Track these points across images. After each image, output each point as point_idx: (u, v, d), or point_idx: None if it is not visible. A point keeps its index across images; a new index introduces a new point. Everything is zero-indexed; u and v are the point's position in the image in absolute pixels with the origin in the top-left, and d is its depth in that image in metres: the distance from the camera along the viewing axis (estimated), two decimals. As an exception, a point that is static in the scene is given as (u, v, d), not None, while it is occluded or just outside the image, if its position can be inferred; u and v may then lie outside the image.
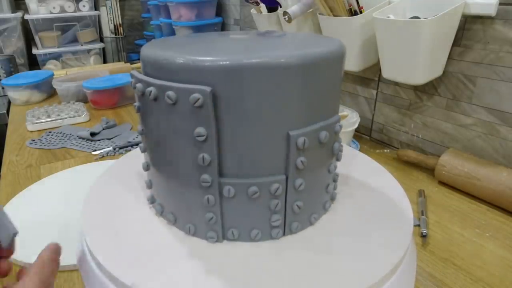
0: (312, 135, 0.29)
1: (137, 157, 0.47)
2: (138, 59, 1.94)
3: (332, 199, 0.36)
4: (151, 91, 0.28)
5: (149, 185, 0.35)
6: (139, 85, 0.29)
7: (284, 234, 0.32)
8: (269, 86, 0.26)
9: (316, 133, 0.29)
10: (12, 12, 1.60)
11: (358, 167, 0.43)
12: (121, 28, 1.95)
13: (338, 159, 0.34)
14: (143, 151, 0.34)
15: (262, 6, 1.03)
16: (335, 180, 0.36)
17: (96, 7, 1.80)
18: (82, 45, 1.76)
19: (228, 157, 0.28)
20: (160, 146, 0.31)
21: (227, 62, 0.26)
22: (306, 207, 0.32)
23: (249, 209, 0.30)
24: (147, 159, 0.34)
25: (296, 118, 0.28)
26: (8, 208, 0.60)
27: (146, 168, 0.35)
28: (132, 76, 0.31)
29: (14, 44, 1.64)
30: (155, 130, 0.30)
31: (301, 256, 0.30)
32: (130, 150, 0.82)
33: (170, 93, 0.27)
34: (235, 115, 0.27)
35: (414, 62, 0.66)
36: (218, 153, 0.28)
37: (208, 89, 0.25)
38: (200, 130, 0.27)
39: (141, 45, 1.95)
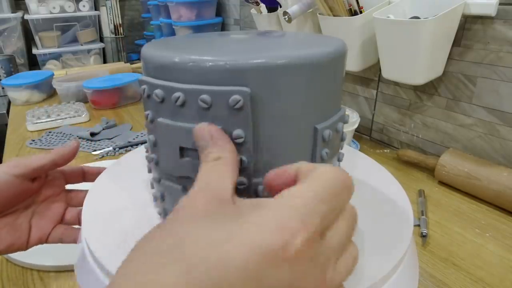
0: (333, 126, 0.30)
1: (137, 157, 0.47)
2: (138, 59, 1.94)
3: None
4: (178, 97, 0.26)
5: (161, 198, 0.33)
6: (158, 91, 0.27)
7: None
8: (299, 84, 0.27)
9: (335, 124, 0.31)
10: (12, 12, 1.60)
11: (358, 167, 0.43)
12: (121, 28, 1.95)
13: (342, 148, 0.36)
14: (155, 163, 0.31)
15: (262, 6, 1.02)
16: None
17: (96, 7, 1.80)
18: (82, 45, 1.76)
19: (263, 157, 0.28)
20: (187, 155, 0.28)
21: (263, 61, 0.25)
22: None
23: None
24: (160, 173, 0.31)
25: (321, 112, 0.29)
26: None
27: (158, 181, 0.32)
28: (143, 82, 0.28)
29: (14, 44, 1.64)
30: (180, 138, 0.28)
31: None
32: (130, 150, 0.82)
33: (204, 96, 0.25)
34: (268, 114, 0.27)
35: (414, 62, 0.66)
36: (254, 154, 0.28)
37: (247, 90, 0.25)
38: (239, 132, 0.26)
39: (141, 45, 1.95)
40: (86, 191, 0.41)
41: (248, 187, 0.28)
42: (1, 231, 0.35)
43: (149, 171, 0.35)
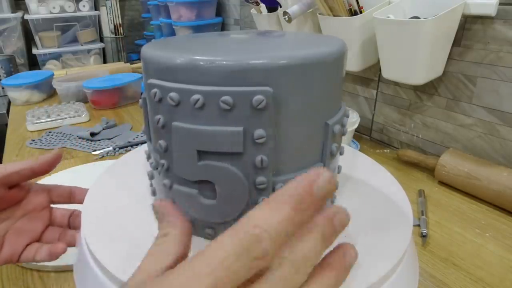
0: (340, 121, 0.32)
1: (137, 157, 0.47)
2: (138, 59, 1.94)
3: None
4: (197, 99, 0.25)
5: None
6: (173, 94, 0.26)
7: None
8: (314, 82, 0.28)
9: (342, 119, 0.32)
10: (12, 12, 1.60)
11: (358, 167, 0.43)
12: (121, 28, 1.95)
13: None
14: (166, 170, 0.30)
15: (262, 6, 1.02)
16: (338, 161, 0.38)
17: (96, 7, 1.80)
18: (82, 45, 1.76)
19: (282, 155, 0.28)
20: (205, 159, 0.28)
21: (285, 61, 0.26)
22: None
23: None
24: (172, 179, 0.30)
25: (331, 107, 0.31)
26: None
27: (170, 187, 0.31)
28: (153, 86, 0.27)
29: (14, 44, 1.64)
30: (198, 142, 0.27)
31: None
32: (130, 150, 0.82)
33: (226, 98, 0.25)
34: (288, 112, 0.27)
35: (414, 62, 0.66)
36: (274, 153, 0.27)
37: (270, 89, 0.25)
38: (260, 132, 0.26)
39: (141, 45, 1.95)
40: (72, 210, 0.40)
41: (267, 186, 0.28)
42: None
43: (151, 177, 0.35)
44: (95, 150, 0.83)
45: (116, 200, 0.38)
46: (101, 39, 1.90)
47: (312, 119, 0.29)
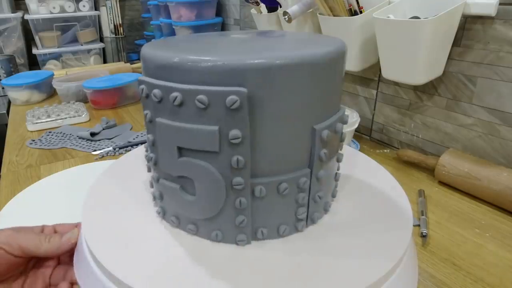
0: (331, 127, 0.30)
1: (137, 157, 0.47)
2: (138, 59, 1.94)
3: (333, 195, 0.37)
4: (176, 97, 0.26)
5: (160, 197, 0.33)
6: (156, 91, 0.27)
7: (307, 226, 0.33)
8: (297, 84, 0.27)
9: (334, 125, 0.31)
10: (12, 12, 1.60)
11: (358, 167, 0.43)
12: (121, 28, 1.95)
13: (341, 148, 0.36)
14: (154, 163, 0.31)
15: (262, 6, 1.02)
16: (338, 169, 0.37)
17: (96, 7, 1.80)
18: (82, 45, 1.76)
19: (260, 157, 0.28)
20: (184, 155, 0.29)
21: (260, 61, 0.25)
22: (324, 196, 0.33)
23: (278, 205, 0.31)
24: (158, 172, 0.31)
25: (319, 112, 0.30)
26: (8, 208, 0.60)
27: (157, 180, 0.32)
28: (142, 82, 0.28)
29: (14, 44, 1.64)
30: (178, 138, 0.28)
31: (305, 256, 0.30)
32: (130, 150, 0.82)
33: (201, 97, 0.25)
34: (266, 114, 0.27)
35: (414, 62, 0.66)
36: (251, 154, 0.28)
37: (244, 90, 0.25)
38: (236, 132, 0.26)
39: (141, 45, 1.95)
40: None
41: (245, 187, 0.28)
42: None
43: (149, 170, 0.36)
44: (95, 150, 0.83)
45: (116, 200, 0.38)
46: (101, 39, 1.90)
47: (295, 122, 0.28)
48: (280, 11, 0.95)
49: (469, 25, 0.65)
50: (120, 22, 1.94)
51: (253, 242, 0.32)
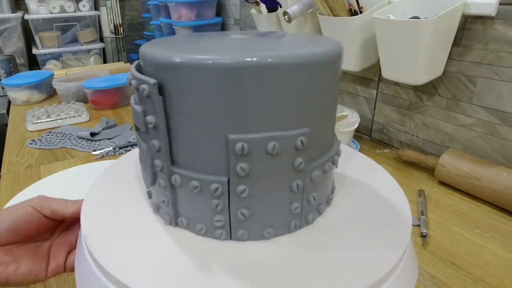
0: (256, 143, 0.27)
1: (137, 157, 0.47)
2: (138, 59, 1.94)
3: (306, 219, 0.33)
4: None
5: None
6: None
7: (230, 238, 0.31)
8: (208, 87, 0.26)
9: (263, 142, 0.27)
10: (12, 12, 1.61)
11: (357, 167, 0.43)
12: (121, 28, 1.95)
13: (312, 180, 0.31)
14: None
15: (262, 6, 1.03)
16: (309, 201, 0.32)
17: (96, 7, 1.81)
18: (82, 45, 1.76)
19: (175, 148, 0.30)
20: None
21: (176, 59, 0.27)
22: (257, 217, 0.30)
23: (192, 201, 0.31)
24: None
25: (239, 122, 0.27)
26: (8, 208, 0.60)
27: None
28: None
29: (14, 44, 1.64)
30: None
31: (305, 256, 0.30)
32: (130, 150, 0.82)
33: (133, 82, 0.30)
34: (178, 109, 0.29)
35: (414, 62, 0.66)
36: (169, 142, 0.30)
37: (152, 80, 0.28)
38: (150, 118, 0.29)
39: (141, 45, 1.94)
40: None
41: (162, 170, 0.31)
42: (23, 256, 0.36)
43: None
44: (95, 150, 0.83)
45: (115, 200, 0.38)
46: (101, 39, 1.90)
47: (206, 126, 0.28)
48: (280, 11, 0.95)
49: (469, 25, 0.65)
50: (120, 22, 1.94)
51: (254, 242, 0.32)
